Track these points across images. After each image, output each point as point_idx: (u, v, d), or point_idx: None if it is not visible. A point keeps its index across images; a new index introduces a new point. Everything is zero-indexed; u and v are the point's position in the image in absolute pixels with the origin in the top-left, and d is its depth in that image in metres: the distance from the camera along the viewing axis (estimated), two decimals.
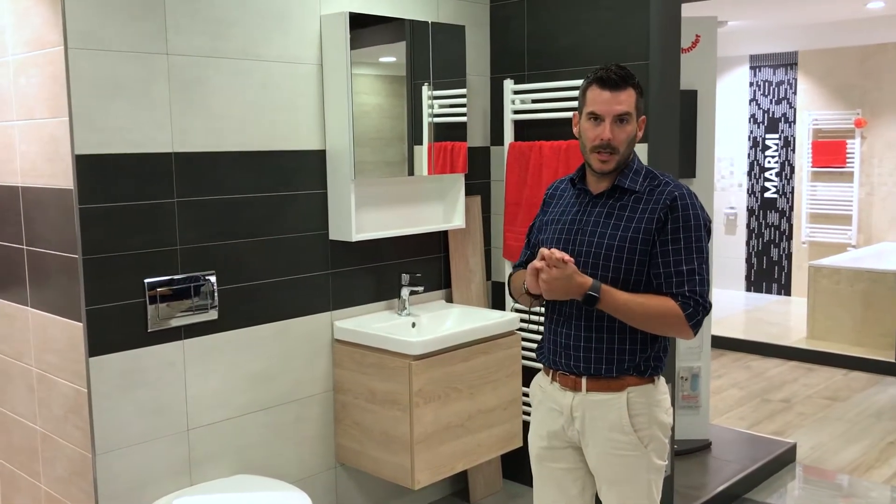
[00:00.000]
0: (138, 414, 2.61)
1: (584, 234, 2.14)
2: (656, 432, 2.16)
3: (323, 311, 3.11)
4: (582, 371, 2.16)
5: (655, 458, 2.17)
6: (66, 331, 2.57)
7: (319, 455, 3.14)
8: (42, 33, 2.49)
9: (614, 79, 2.06)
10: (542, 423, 2.29)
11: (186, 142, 2.67)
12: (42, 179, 2.60)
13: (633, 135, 2.11)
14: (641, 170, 2.15)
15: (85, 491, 2.59)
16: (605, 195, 2.15)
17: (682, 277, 2.04)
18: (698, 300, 2.03)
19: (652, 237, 2.07)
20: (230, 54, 2.75)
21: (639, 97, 2.11)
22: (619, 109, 2.06)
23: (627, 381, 2.14)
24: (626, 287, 2.10)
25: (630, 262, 2.08)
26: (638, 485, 2.17)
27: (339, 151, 3.02)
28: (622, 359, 2.13)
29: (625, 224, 2.10)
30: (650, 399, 2.15)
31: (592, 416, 2.16)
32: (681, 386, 4.19)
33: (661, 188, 2.10)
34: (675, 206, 2.06)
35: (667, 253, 2.05)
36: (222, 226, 2.78)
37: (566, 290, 2.03)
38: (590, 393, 2.15)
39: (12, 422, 2.96)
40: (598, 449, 2.17)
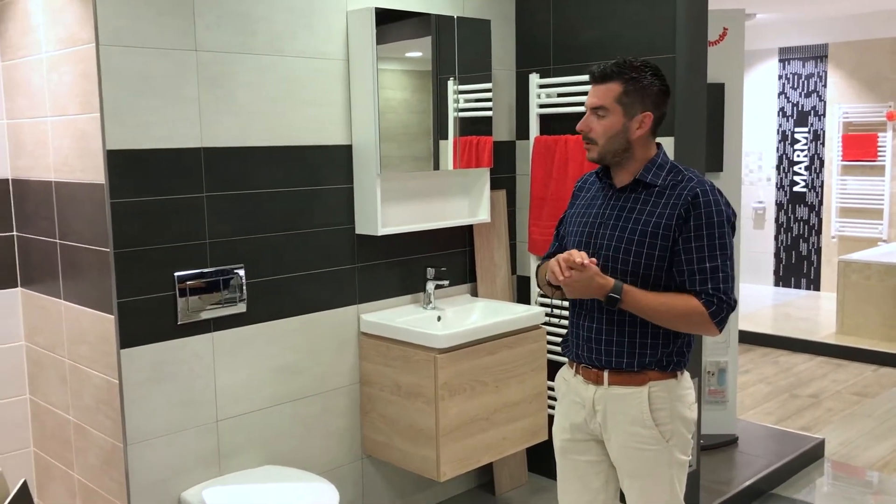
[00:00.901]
0: (168, 405, 2.66)
1: (606, 228, 2.15)
2: (678, 427, 2.16)
3: (349, 304, 3.14)
4: (604, 364, 2.17)
5: (678, 453, 2.17)
6: (98, 323, 2.62)
7: (346, 447, 3.17)
8: (74, 31, 2.53)
9: (597, 72, 2.13)
10: (565, 416, 2.30)
11: (215, 137, 2.70)
12: (74, 174, 2.65)
13: (617, 129, 2.11)
14: (666, 164, 2.15)
15: (116, 480, 2.64)
16: (628, 189, 2.16)
17: (706, 275, 2.03)
18: (722, 297, 2.03)
19: (672, 233, 2.06)
20: (257, 50, 2.78)
21: (623, 92, 2.09)
22: (593, 102, 2.13)
23: (649, 375, 2.14)
24: (647, 281, 2.10)
25: (649, 256, 2.08)
26: (660, 479, 2.17)
27: (365, 146, 3.05)
28: (644, 353, 2.13)
29: (645, 218, 2.10)
30: (672, 394, 2.15)
31: (614, 409, 2.17)
32: (707, 380, 4.18)
33: (683, 183, 2.09)
34: (696, 202, 2.05)
35: (690, 250, 2.05)
36: (250, 220, 2.82)
37: (587, 290, 2.06)
38: (612, 386, 2.16)
39: (46, 412, 3.03)
40: (619, 442, 2.18)
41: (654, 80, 2.12)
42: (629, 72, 2.10)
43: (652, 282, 2.10)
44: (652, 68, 2.14)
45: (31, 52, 2.78)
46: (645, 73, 2.12)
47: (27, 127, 2.88)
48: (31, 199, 2.93)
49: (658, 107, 2.13)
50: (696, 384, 3.32)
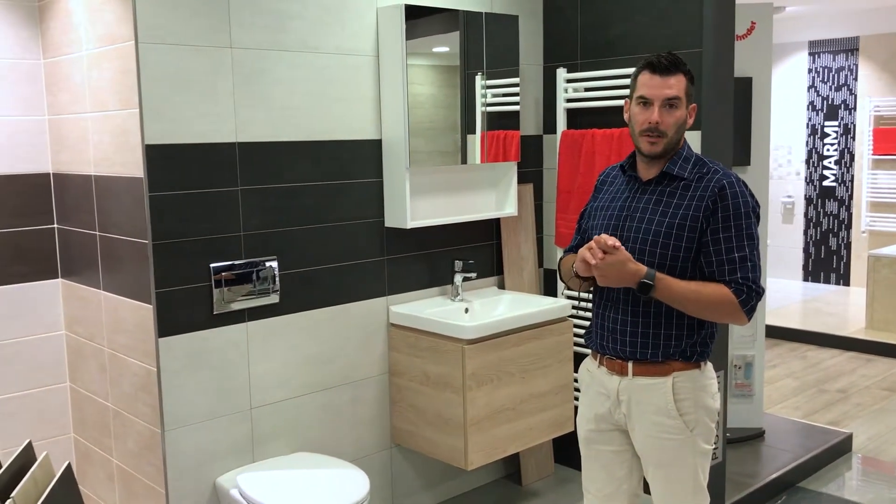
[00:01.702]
0: (204, 393, 2.73)
1: (633, 221, 2.18)
2: (702, 417, 2.19)
3: (379, 296, 3.20)
4: (628, 355, 2.20)
5: (702, 443, 2.20)
6: (136, 313, 2.70)
7: (375, 436, 3.24)
8: (114, 29, 2.61)
9: (664, 64, 2.11)
10: (589, 407, 2.33)
11: (249, 132, 2.77)
12: (114, 168, 2.73)
13: (682, 120, 2.14)
14: (691, 157, 2.18)
15: (154, 465, 2.73)
16: (654, 182, 2.19)
17: (735, 265, 2.07)
18: (751, 286, 2.06)
19: (700, 224, 2.10)
20: (290, 47, 2.85)
21: (689, 84, 2.14)
22: (668, 93, 2.10)
23: (673, 365, 2.17)
24: (673, 273, 2.12)
25: (677, 248, 2.11)
26: (684, 468, 2.20)
27: (395, 141, 3.10)
28: (668, 343, 2.16)
29: (672, 211, 2.13)
30: (696, 384, 2.18)
31: (638, 399, 2.20)
32: (734, 374, 4.19)
33: (709, 175, 2.13)
34: (724, 194, 2.09)
35: (718, 241, 2.08)
36: (283, 213, 2.88)
37: (620, 277, 2.07)
38: (636, 377, 2.19)
39: (85, 399, 3.12)
40: (644, 432, 2.21)
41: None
42: (684, 64, 2.14)
43: (678, 273, 2.13)
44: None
45: (72, 50, 2.87)
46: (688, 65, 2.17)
47: (68, 122, 2.97)
48: (72, 192, 3.02)
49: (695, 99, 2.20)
50: (723, 377, 3.34)
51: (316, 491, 2.62)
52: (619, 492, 2.33)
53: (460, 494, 3.56)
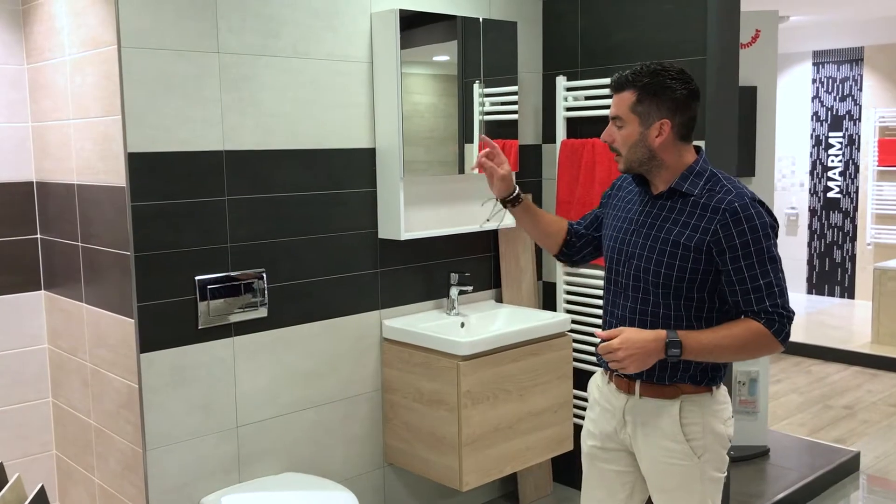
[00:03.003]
0: (188, 410, 2.63)
1: (639, 236, 2.09)
2: (712, 443, 2.08)
3: (372, 309, 3.10)
4: (636, 375, 2.09)
5: (711, 470, 2.08)
6: (118, 327, 2.61)
7: (368, 454, 3.13)
8: (97, 33, 2.52)
9: (613, 81, 2.07)
10: (595, 423, 2.24)
11: (237, 140, 2.68)
12: (96, 177, 2.64)
13: (635, 139, 2.02)
14: (704, 172, 2.04)
15: (136, 486, 2.62)
16: (663, 196, 2.08)
17: (762, 293, 1.94)
18: (782, 313, 1.95)
19: (706, 246, 1.97)
20: (280, 52, 2.76)
21: (637, 100, 2.01)
22: (612, 112, 2.07)
23: (681, 388, 2.06)
24: (679, 295, 2.02)
25: (682, 269, 2.00)
26: (690, 495, 2.09)
27: (389, 149, 3.01)
28: (676, 366, 2.05)
29: (678, 229, 2.02)
30: (705, 409, 2.07)
31: (644, 421, 2.11)
32: (738, 390, 4.08)
33: (720, 195, 1.99)
34: (737, 218, 1.95)
35: (740, 270, 1.95)
36: (272, 224, 2.79)
37: (646, 350, 1.94)
38: (643, 398, 2.10)
39: (68, 415, 3.02)
40: (650, 455, 2.11)
41: (674, 84, 1.99)
42: (644, 78, 2.00)
43: (684, 295, 2.02)
44: (674, 72, 2.01)
45: (55, 55, 2.78)
46: (663, 77, 2.00)
47: (51, 129, 2.88)
48: (55, 201, 2.93)
49: (679, 112, 2.01)
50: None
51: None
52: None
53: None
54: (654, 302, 2.05)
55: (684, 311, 2.03)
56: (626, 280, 2.11)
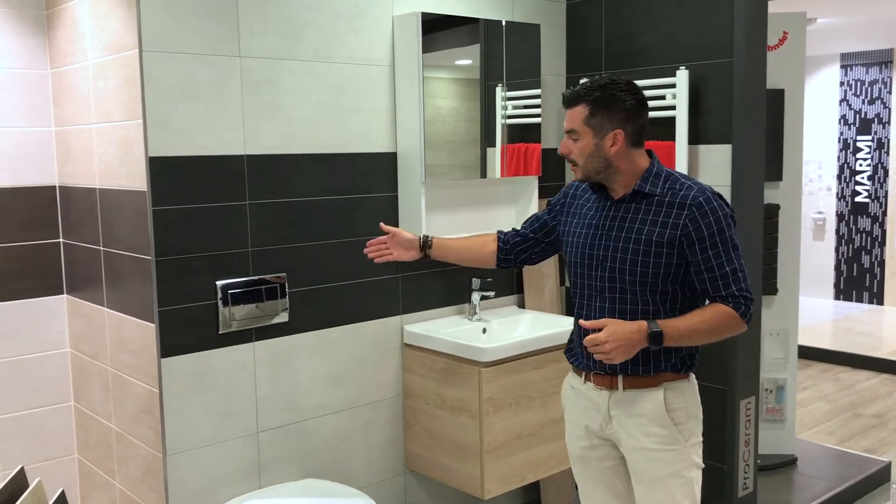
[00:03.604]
0: (209, 416, 2.62)
1: (609, 239, 2.17)
2: (694, 427, 2.20)
3: (393, 314, 3.07)
4: (618, 370, 2.17)
5: (695, 456, 2.19)
6: (139, 331, 2.60)
7: (388, 461, 3.10)
8: (119, 37, 2.52)
9: (565, 96, 2.17)
10: (578, 424, 2.31)
11: (258, 144, 2.67)
12: (118, 181, 2.64)
13: (590, 150, 2.13)
14: (661, 173, 2.17)
15: (156, 491, 2.61)
16: (627, 199, 2.18)
17: (728, 279, 2.09)
18: (746, 295, 2.10)
19: (677, 241, 2.09)
20: (302, 56, 2.74)
21: (590, 114, 2.11)
22: (566, 126, 2.17)
23: (664, 377, 2.17)
24: (654, 290, 2.12)
25: (656, 265, 2.11)
26: (682, 484, 2.17)
27: (410, 153, 2.98)
28: (658, 356, 2.15)
29: (648, 228, 2.12)
30: (686, 393, 2.20)
31: (631, 412, 2.18)
32: (765, 398, 4.01)
33: (683, 192, 2.11)
34: (703, 211, 2.09)
35: (708, 259, 2.09)
36: (293, 228, 2.77)
37: (629, 341, 2.03)
38: (627, 390, 2.18)
39: (89, 419, 3.02)
40: (639, 445, 2.17)
41: (623, 96, 2.11)
42: (595, 92, 2.12)
43: (660, 289, 2.13)
44: (622, 84, 2.13)
45: (78, 60, 2.79)
46: (612, 90, 2.11)
47: (74, 134, 2.88)
48: (77, 206, 2.93)
49: (630, 121, 2.12)
50: (754, 402, 3.18)
51: None
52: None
53: None
54: (631, 299, 2.15)
55: (661, 305, 2.14)
56: (599, 283, 2.19)
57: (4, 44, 2.89)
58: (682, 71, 3.07)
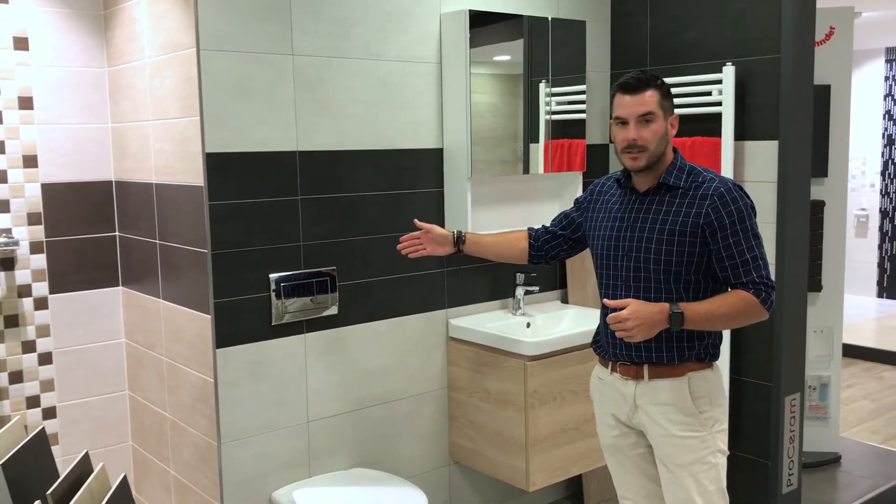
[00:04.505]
0: (261, 405, 2.69)
1: (634, 230, 2.23)
2: (719, 415, 2.24)
3: (438, 308, 3.12)
4: (644, 360, 2.23)
5: (720, 443, 2.24)
6: (195, 323, 2.67)
7: (434, 453, 3.15)
8: (176, 36, 2.59)
9: (633, 83, 2.18)
10: (607, 413, 2.37)
11: (310, 140, 2.73)
12: (174, 177, 2.71)
13: (662, 132, 2.19)
14: (685, 167, 2.23)
15: (210, 478, 2.69)
16: (651, 192, 2.24)
17: (749, 266, 2.14)
18: (767, 282, 2.15)
19: (700, 230, 2.14)
20: (352, 54, 2.79)
21: (662, 97, 2.19)
22: (640, 110, 2.17)
23: (688, 366, 2.22)
24: (678, 279, 2.18)
25: (680, 253, 2.16)
26: (708, 469, 2.21)
27: (457, 149, 3.02)
28: (682, 346, 2.20)
29: (672, 219, 2.18)
30: (709, 382, 2.24)
31: (656, 401, 2.22)
32: (808, 395, 3.99)
33: (706, 184, 2.18)
34: (724, 201, 2.15)
35: (729, 247, 2.14)
36: (343, 223, 2.83)
37: (651, 321, 2.08)
38: (652, 380, 2.23)
39: (144, 408, 3.11)
40: (664, 433, 2.22)
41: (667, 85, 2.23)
42: (655, 79, 2.20)
43: (683, 278, 2.18)
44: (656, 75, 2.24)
45: (135, 58, 2.87)
46: (661, 79, 2.22)
47: (130, 130, 2.97)
48: (133, 200, 3.02)
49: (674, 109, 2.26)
50: (798, 399, 3.18)
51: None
52: (657, 491, 2.34)
53: None
54: (655, 288, 2.20)
55: (684, 294, 2.19)
56: (624, 272, 2.24)
57: (63, 43, 2.98)
58: (729, 67, 3.07)
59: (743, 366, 3.17)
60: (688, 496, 2.21)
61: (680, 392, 2.20)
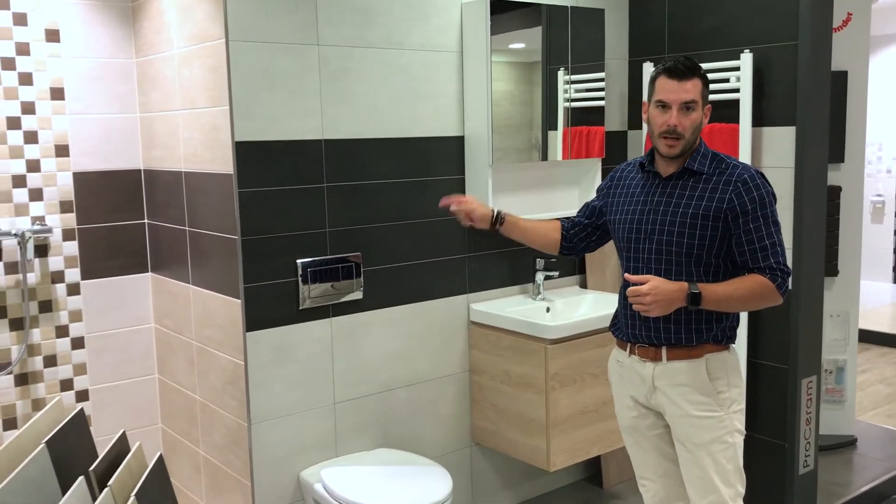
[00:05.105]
0: (290, 387, 2.76)
1: (657, 214, 2.27)
2: (736, 395, 2.29)
3: (459, 293, 3.18)
4: (662, 341, 2.28)
5: (738, 423, 2.29)
6: (225, 307, 2.75)
7: (456, 434, 3.22)
8: (204, 27, 2.65)
9: (681, 69, 2.20)
10: (625, 394, 2.42)
11: (335, 129, 2.78)
12: (203, 165, 2.78)
13: (699, 122, 2.23)
14: (709, 154, 2.28)
15: (240, 458, 2.77)
16: (675, 177, 2.28)
17: (767, 251, 2.19)
18: (783, 268, 2.20)
19: (723, 215, 2.19)
20: (375, 44, 2.85)
21: (704, 87, 2.23)
22: (685, 97, 2.19)
23: (706, 348, 2.27)
24: (699, 262, 2.22)
25: (702, 237, 2.21)
26: (725, 449, 2.26)
27: (478, 137, 3.07)
28: (700, 328, 2.25)
29: (695, 203, 2.22)
30: (727, 364, 2.29)
31: (674, 382, 2.27)
32: (825, 379, 4.03)
33: (730, 170, 2.23)
34: (748, 188, 2.19)
35: (749, 232, 2.19)
36: (367, 209, 2.89)
37: (670, 298, 2.14)
38: (670, 362, 2.28)
39: (173, 391, 3.19)
40: (682, 413, 2.27)
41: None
42: (699, 68, 2.23)
43: (704, 261, 2.22)
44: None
45: (163, 49, 2.93)
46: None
47: (159, 120, 3.03)
48: (162, 188, 3.09)
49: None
50: (815, 382, 3.22)
51: (399, 488, 2.62)
52: (675, 470, 2.39)
53: (541, 495, 3.51)
54: (676, 271, 2.24)
55: (704, 277, 2.23)
56: (646, 255, 2.29)
57: (92, 35, 3.05)
58: (747, 54, 3.10)
59: (760, 349, 3.21)
60: (705, 475, 2.26)
61: (698, 373, 2.25)
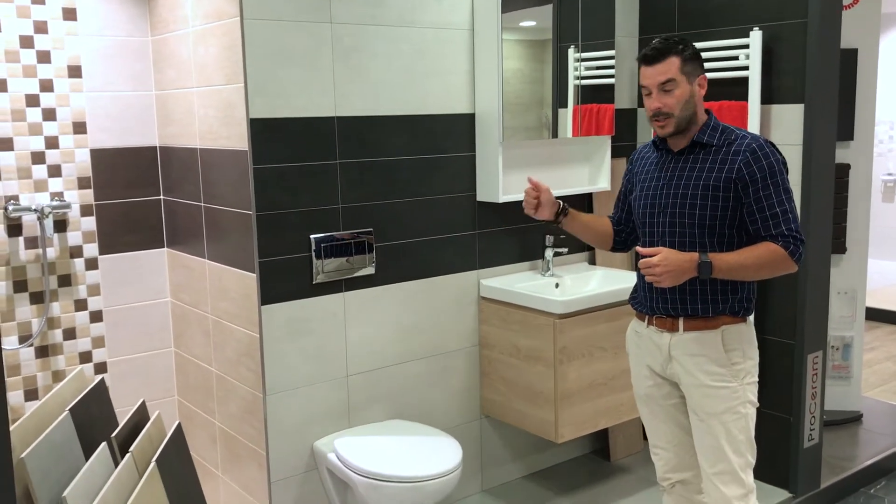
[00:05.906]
0: (304, 359, 2.82)
1: (670, 188, 2.33)
2: (751, 367, 2.33)
3: (470, 269, 3.23)
4: (679, 312, 2.32)
5: (751, 395, 2.33)
6: (240, 281, 2.81)
7: (466, 406, 3.28)
8: (219, 6, 2.69)
9: (651, 54, 2.27)
10: (642, 364, 2.47)
11: (347, 106, 2.83)
12: (218, 142, 2.83)
13: (687, 96, 2.26)
14: (718, 126, 2.33)
15: (256, 428, 2.84)
16: (686, 151, 2.34)
17: (778, 219, 2.22)
18: (796, 235, 2.23)
19: (733, 185, 2.23)
20: (388, 21, 2.88)
21: (683, 62, 2.25)
22: (660, 79, 2.25)
23: (722, 319, 2.30)
24: (713, 232, 2.26)
25: (714, 207, 2.25)
26: (738, 419, 2.30)
27: (488, 115, 3.11)
28: (716, 299, 2.29)
29: (706, 175, 2.27)
30: (743, 336, 2.32)
31: (690, 351, 2.31)
32: (831, 355, 4.07)
33: (738, 141, 2.27)
34: (756, 156, 2.23)
35: (760, 199, 2.23)
36: (379, 186, 2.94)
37: (681, 268, 2.18)
38: (687, 332, 2.32)
39: (189, 363, 3.26)
40: (698, 382, 2.31)
41: (692, 47, 2.28)
42: (678, 45, 2.26)
43: (717, 232, 2.26)
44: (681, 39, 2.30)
45: (178, 27, 2.97)
46: (687, 43, 2.28)
47: (174, 97, 3.08)
48: (177, 165, 3.14)
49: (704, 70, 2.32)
50: (821, 357, 3.26)
51: (411, 457, 2.69)
52: (688, 440, 2.43)
53: (549, 467, 3.58)
54: (690, 242, 2.29)
55: (718, 248, 2.27)
56: (661, 228, 2.34)
57: (108, 13, 3.09)
58: (756, 32, 3.12)
59: (767, 324, 3.26)
60: (717, 444, 2.31)
61: (713, 344, 2.29)
